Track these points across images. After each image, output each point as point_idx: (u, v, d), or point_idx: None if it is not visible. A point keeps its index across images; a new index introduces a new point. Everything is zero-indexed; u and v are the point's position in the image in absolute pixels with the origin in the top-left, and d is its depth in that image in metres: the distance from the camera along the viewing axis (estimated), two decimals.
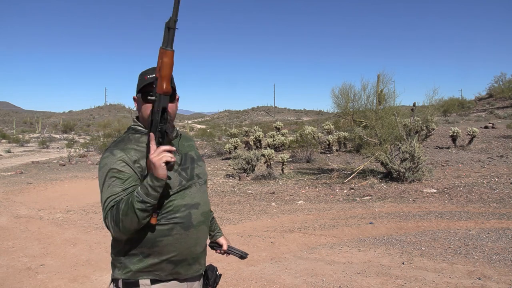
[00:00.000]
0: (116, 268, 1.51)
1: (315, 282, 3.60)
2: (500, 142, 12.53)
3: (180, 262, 1.52)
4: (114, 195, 1.39)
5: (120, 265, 1.49)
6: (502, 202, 6.32)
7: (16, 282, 3.84)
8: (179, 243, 1.50)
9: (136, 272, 1.47)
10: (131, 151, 1.44)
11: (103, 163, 1.44)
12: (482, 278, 3.53)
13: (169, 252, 1.49)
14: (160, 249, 1.47)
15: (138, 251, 1.47)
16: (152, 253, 1.47)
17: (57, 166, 13.84)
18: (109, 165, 1.41)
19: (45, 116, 69.35)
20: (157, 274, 1.49)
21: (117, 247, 1.50)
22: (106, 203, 1.38)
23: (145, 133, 1.51)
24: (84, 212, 6.91)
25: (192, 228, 1.54)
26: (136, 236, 1.44)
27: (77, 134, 35.15)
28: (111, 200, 1.38)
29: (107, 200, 1.39)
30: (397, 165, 8.23)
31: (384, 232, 5.14)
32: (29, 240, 5.26)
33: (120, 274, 1.48)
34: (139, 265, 1.47)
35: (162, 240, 1.47)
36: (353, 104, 10.11)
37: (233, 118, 66.05)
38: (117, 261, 1.51)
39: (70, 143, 23.05)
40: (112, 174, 1.40)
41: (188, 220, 1.52)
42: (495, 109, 26.65)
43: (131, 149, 1.45)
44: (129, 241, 1.46)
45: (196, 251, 1.58)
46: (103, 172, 1.42)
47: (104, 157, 1.45)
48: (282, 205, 7.12)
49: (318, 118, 50.16)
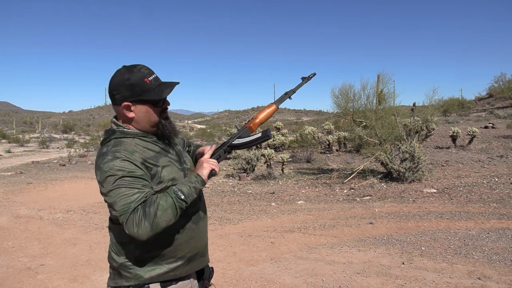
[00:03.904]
0: (122, 277, 1.42)
1: (315, 282, 3.60)
2: (500, 142, 12.53)
3: (194, 257, 1.50)
4: (139, 193, 1.30)
5: (129, 274, 1.40)
6: (502, 202, 6.32)
7: (16, 282, 3.84)
8: (192, 238, 1.49)
9: (148, 279, 1.40)
10: (134, 154, 1.37)
11: (107, 167, 1.32)
12: (482, 278, 3.53)
13: (183, 249, 1.45)
14: (175, 247, 1.43)
15: (151, 254, 1.40)
16: (166, 254, 1.42)
17: (57, 166, 13.83)
18: (117, 167, 1.31)
19: (45, 116, 69.35)
20: (171, 274, 1.43)
21: (124, 253, 1.42)
22: (132, 201, 1.28)
23: (136, 135, 1.45)
24: (84, 212, 6.91)
25: (200, 220, 1.55)
26: (152, 239, 1.34)
27: (77, 134, 35.13)
28: (139, 197, 1.29)
29: (132, 198, 1.28)
30: (397, 165, 8.23)
31: (384, 232, 5.14)
32: (29, 240, 5.26)
33: (129, 282, 1.40)
34: (153, 273, 1.40)
35: (177, 239, 1.44)
36: (353, 104, 10.12)
37: (233, 118, 66.00)
38: (124, 269, 1.41)
39: (70, 143, 23.04)
40: (126, 174, 1.31)
41: (197, 213, 1.53)
42: (495, 109, 26.64)
43: (133, 151, 1.38)
44: (141, 245, 1.38)
45: (205, 241, 1.59)
46: (112, 175, 1.31)
47: (106, 161, 1.33)
48: (282, 205, 7.12)
49: (318, 118, 50.16)
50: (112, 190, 1.31)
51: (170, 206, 1.31)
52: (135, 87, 1.40)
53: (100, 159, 1.37)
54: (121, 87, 1.40)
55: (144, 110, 1.44)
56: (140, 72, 1.41)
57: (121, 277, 1.43)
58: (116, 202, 1.29)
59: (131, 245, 1.41)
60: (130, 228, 1.27)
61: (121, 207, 1.28)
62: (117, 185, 1.30)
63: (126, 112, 1.43)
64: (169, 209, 1.30)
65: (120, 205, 1.29)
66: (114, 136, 1.44)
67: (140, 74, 1.41)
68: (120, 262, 1.43)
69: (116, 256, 1.44)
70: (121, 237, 1.43)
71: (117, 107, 1.45)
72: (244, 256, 4.39)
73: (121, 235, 1.41)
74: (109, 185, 1.31)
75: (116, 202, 1.29)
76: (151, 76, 1.43)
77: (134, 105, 1.43)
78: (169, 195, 1.33)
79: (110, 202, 1.32)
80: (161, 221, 1.29)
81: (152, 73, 1.45)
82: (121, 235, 1.41)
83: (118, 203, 1.29)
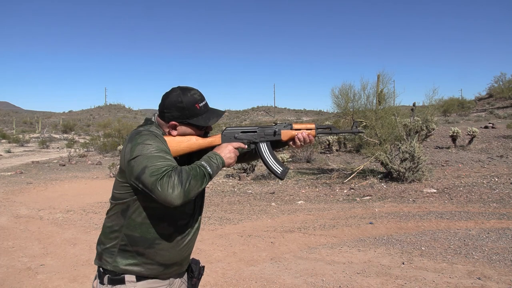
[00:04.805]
0: (102, 260, 1.50)
1: (315, 282, 3.60)
2: (500, 142, 12.53)
3: (171, 266, 1.54)
4: (171, 161, 1.35)
5: (110, 259, 1.48)
6: (502, 202, 6.32)
7: (16, 282, 3.84)
8: (174, 248, 1.51)
9: (123, 268, 1.46)
10: (165, 142, 1.45)
11: (142, 139, 1.38)
12: (482, 278, 3.53)
13: (163, 255, 1.49)
14: (155, 251, 1.47)
15: (132, 249, 1.47)
16: (146, 254, 1.47)
17: (57, 166, 13.84)
18: (151, 141, 1.38)
19: (45, 116, 69.37)
20: (145, 271, 1.48)
21: (111, 241, 1.49)
22: (165, 165, 1.32)
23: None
24: (84, 212, 6.91)
25: (189, 235, 1.57)
26: (138, 234, 1.45)
27: (77, 134, 35.15)
28: (171, 164, 1.34)
29: (165, 163, 1.32)
30: (397, 165, 8.23)
31: (384, 232, 5.14)
32: (29, 240, 5.26)
33: (108, 265, 1.48)
34: (130, 267, 1.46)
35: (160, 244, 1.47)
36: (353, 104, 10.13)
37: (233, 118, 65.99)
38: (107, 254, 1.49)
39: (70, 143, 23.04)
40: (160, 148, 1.37)
41: (187, 227, 1.55)
42: (495, 109, 26.66)
43: (164, 141, 1.46)
44: (127, 237, 1.46)
45: (188, 253, 1.61)
46: (146, 145, 1.37)
47: (142, 135, 1.41)
48: (282, 205, 7.12)
49: (318, 118, 50.15)
50: (142, 155, 1.34)
51: (201, 177, 1.35)
52: (185, 110, 1.51)
53: (134, 132, 1.45)
54: (173, 108, 1.50)
55: (188, 132, 1.55)
56: (192, 97, 1.52)
57: (101, 259, 1.50)
58: (147, 166, 1.31)
59: (120, 232, 1.47)
60: (164, 190, 1.27)
61: (154, 168, 1.30)
62: (149, 152, 1.35)
63: (171, 131, 1.54)
64: (200, 180, 1.35)
65: (153, 167, 1.30)
66: (152, 127, 1.52)
67: (192, 99, 1.51)
68: (105, 247, 1.50)
69: (105, 241, 1.50)
70: (114, 223, 1.49)
71: (164, 123, 1.54)
72: (244, 256, 4.39)
73: (116, 220, 1.48)
74: (141, 150, 1.35)
75: (147, 166, 1.31)
76: (201, 102, 1.54)
77: (180, 126, 1.54)
78: (199, 167, 1.37)
79: (140, 165, 1.33)
80: (192, 189, 1.32)
81: (203, 99, 1.55)
82: (116, 220, 1.48)
83: (150, 166, 1.31)
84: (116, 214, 1.48)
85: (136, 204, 1.44)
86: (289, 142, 1.68)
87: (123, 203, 1.46)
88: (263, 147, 1.67)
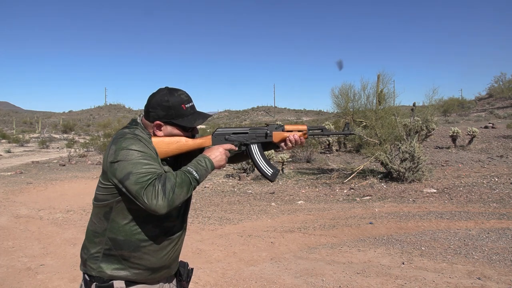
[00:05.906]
0: (87, 266, 1.46)
1: (315, 282, 3.60)
2: (500, 142, 12.53)
3: (159, 269, 1.51)
4: (155, 168, 1.33)
5: (94, 265, 1.44)
6: (502, 202, 6.32)
7: (16, 282, 3.84)
8: (161, 251, 1.48)
9: (110, 273, 1.43)
10: (151, 144, 1.44)
11: (126, 143, 1.36)
12: (482, 278, 3.53)
13: (149, 259, 1.46)
14: (141, 255, 1.44)
15: (117, 253, 1.43)
16: (131, 258, 1.44)
17: (57, 166, 13.83)
18: (136, 145, 1.36)
19: (45, 116, 69.37)
20: (131, 276, 1.45)
21: (95, 245, 1.45)
22: (149, 172, 1.31)
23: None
24: (84, 212, 6.91)
25: (176, 240, 1.55)
26: (122, 237, 1.41)
27: (77, 134, 35.14)
28: (156, 172, 1.32)
29: (149, 170, 1.31)
30: (397, 165, 8.23)
31: (384, 232, 5.14)
32: (29, 240, 5.26)
33: (93, 271, 1.44)
34: (116, 272, 1.43)
35: (145, 246, 1.44)
36: (353, 104, 10.14)
37: (233, 118, 65.99)
38: (91, 260, 1.45)
39: (70, 143, 23.03)
40: (145, 154, 1.36)
41: (174, 231, 1.53)
42: (495, 109, 26.67)
43: (150, 142, 1.45)
44: (111, 240, 1.42)
45: (176, 255, 1.59)
46: (130, 150, 1.35)
47: (126, 138, 1.39)
48: (282, 205, 7.12)
49: (318, 118, 50.13)
50: (126, 160, 1.33)
51: (186, 184, 1.34)
52: (171, 110, 1.48)
53: (120, 134, 1.43)
54: (158, 107, 1.47)
55: (174, 133, 1.52)
56: (179, 98, 1.49)
57: (86, 265, 1.47)
58: (132, 172, 1.31)
59: (104, 236, 1.44)
60: (149, 199, 1.27)
61: (138, 176, 1.29)
62: (134, 157, 1.33)
63: (156, 131, 1.50)
64: (185, 187, 1.33)
65: (137, 175, 1.30)
66: (138, 130, 1.49)
67: (179, 99, 1.49)
68: (90, 253, 1.46)
69: (89, 246, 1.47)
70: (97, 226, 1.46)
71: (149, 123, 1.51)
72: (244, 256, 4.39)
73: (99, 223, 1.45)
74: (126, 156, 1.34)
75: (132, 172, 1.31)
76: (188, 103, 1.51)
77: (165, 126, 1.50)
78: (184, 174, 1.36)
79: (123, 170, 1.32)
80: (177, 198, 1.31)
81: (190, 100, 1.53)
82: (99, 223, 1.45)
83: (135, 173, 1.30)
84: (99, 216, 1.45)
85: (119, 206, 1.41)
86: (281, 143, 1.66)
87: (105, 205, 1.43)
88: (254, 148, 1.65)
